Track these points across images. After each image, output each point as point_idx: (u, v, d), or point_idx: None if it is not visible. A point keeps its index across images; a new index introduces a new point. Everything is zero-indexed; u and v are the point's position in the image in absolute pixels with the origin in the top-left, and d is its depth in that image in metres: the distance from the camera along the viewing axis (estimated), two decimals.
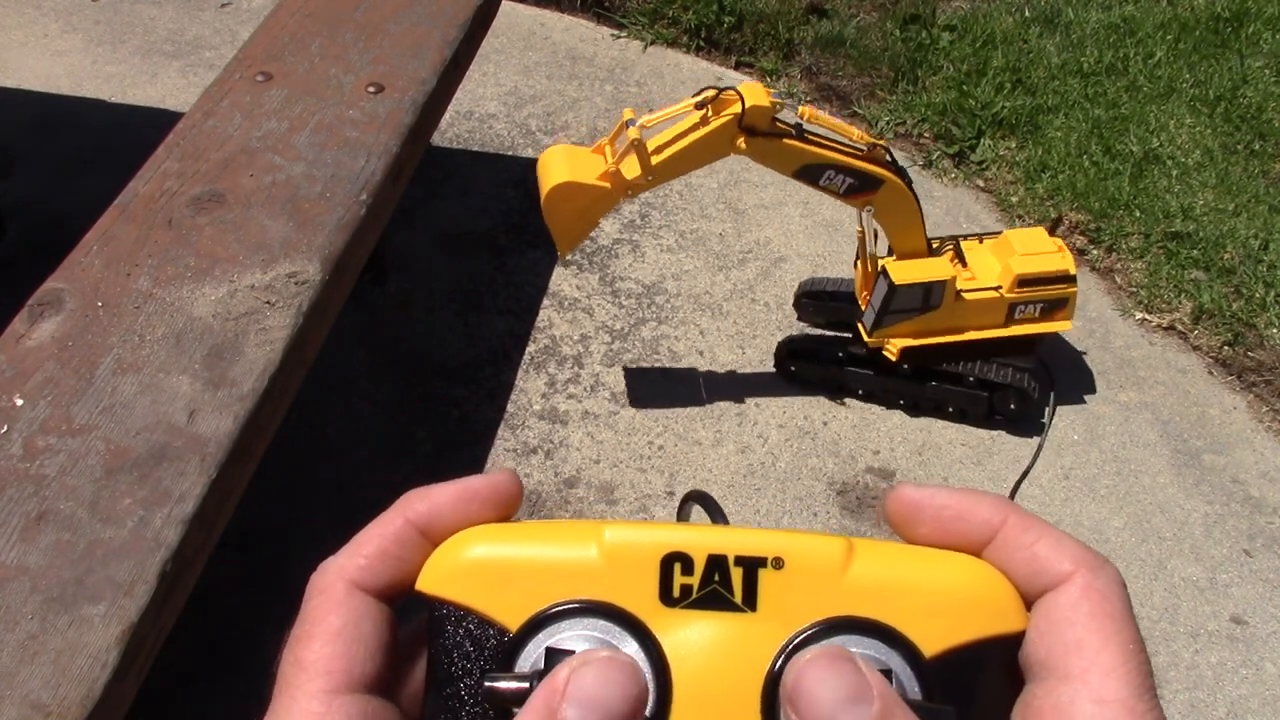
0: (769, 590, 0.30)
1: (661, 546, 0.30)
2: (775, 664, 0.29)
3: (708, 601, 0.30)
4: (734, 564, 0.30)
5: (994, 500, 0.31)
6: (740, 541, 0.30)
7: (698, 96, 1.71)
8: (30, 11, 2.89)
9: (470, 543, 0.31)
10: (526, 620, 0.30)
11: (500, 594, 0.30)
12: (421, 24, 1.53)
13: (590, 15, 3.02)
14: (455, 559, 0.31)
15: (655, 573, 0.30)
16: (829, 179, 1.79)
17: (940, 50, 2.90)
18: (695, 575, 0.30)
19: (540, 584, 0.30)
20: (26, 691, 0.79)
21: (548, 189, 1.73)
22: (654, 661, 0.29)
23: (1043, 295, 1.95)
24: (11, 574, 0.86)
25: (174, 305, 1.09)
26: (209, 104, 1.35)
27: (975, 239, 2.05)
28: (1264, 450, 2.11)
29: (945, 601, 0.29)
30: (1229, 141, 2.69)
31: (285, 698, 0.29)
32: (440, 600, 0.31)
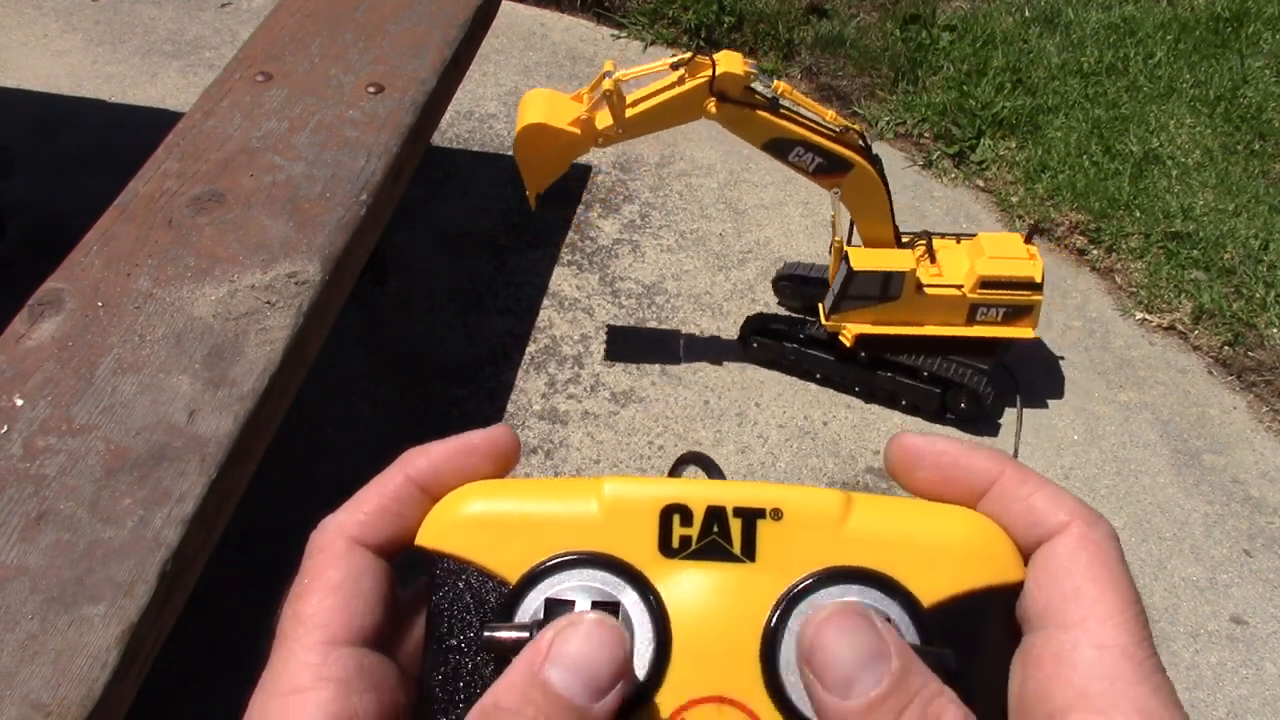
0: (767, 541, 0.30)
1: (660, 499, 0.30)
2: (774, 614, 0.29)
3: (706, 552, 0.30)
4: (733, 515, 0.30)
5: (992, 452, 0.31)
6: (739, 494, 0.30)
7: (675, 58, 1.76)
8: (30, 11, 2.89)
9: (469, 498, 0.31)
10: (526, 572, 0.30)
11: (500, 547, 0.30)
12: (421, 24, 1.53)
13: (590, 15, 3.02)
14: (454, 513, 0.31)
15: (654, 525, 0.30)
16: (798, 155, 1.82)
17: (940, 50, 2.90)
18: (694, 527, 0.30)
19: (540, 537, 0.30)
20: (26, 691, 0.79)
21: (519, 128, 1.79)
22: (653, 611, 0.29)
23: (1006, 299, 1.95)
24: (11, 574, 0.86)
25: (174, 305, 1.09)
26: (209, 104, 1.35)
27: (953, 238, 2.05)
28: (1264, 450, 2.11)
29: (943, 553, 0.29)
30: (1229, 141, 2.69)
31: (283, 650, 0.29)
32: (440, 554, 0.31)
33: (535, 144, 1.80)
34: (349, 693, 0.28)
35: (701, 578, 0.30)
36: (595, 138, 1.80)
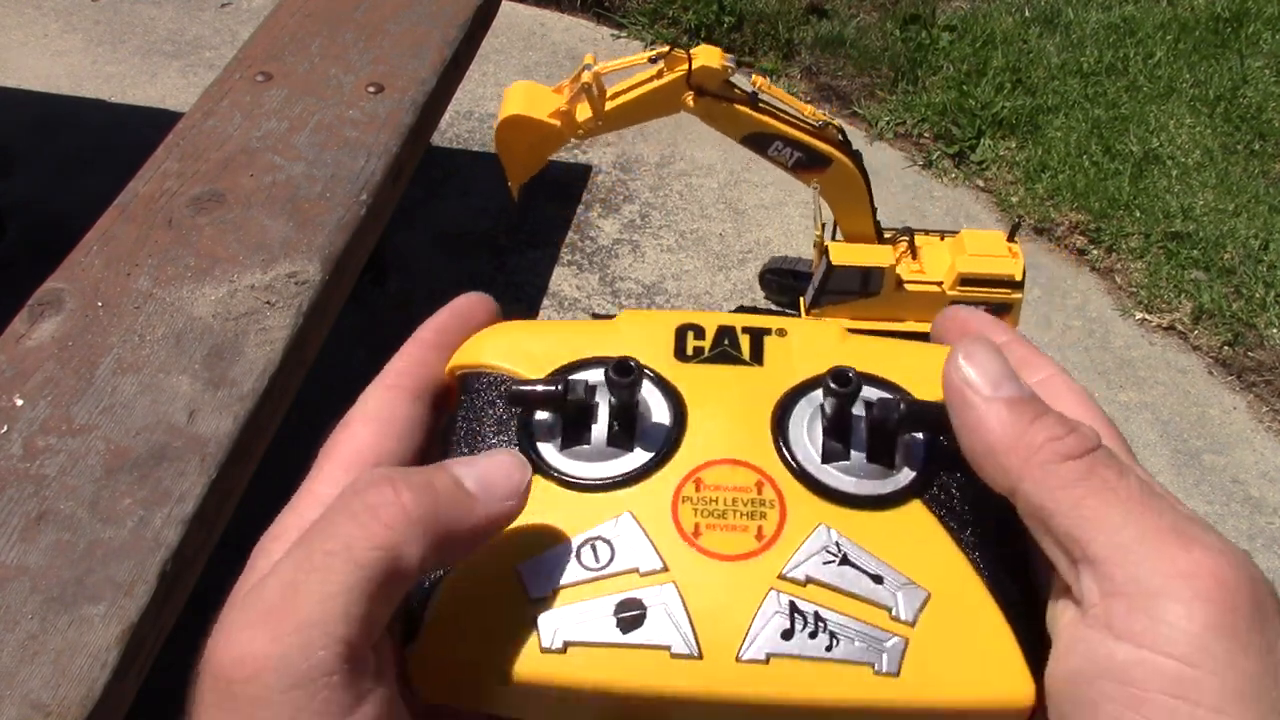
0: (774, 351, 0.33)
1: (675, 319, 0.33)
2: (786, 395, 0.32)
3: (718, 358, 0.33)
4: (741, 332, 0.33)
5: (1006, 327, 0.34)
6: (747, 318, 0.34)
7: (653, 51, 1.77)
8: (30, 11, 2.89)
9: (498, 329, 0.34)
10: (551, 371, 0.32)
11: (527, 357, 0.33)
12: (421, 24, 1.53)
13: (590, 15, 3.02)
14: (481, 339, 0.34)
15: (670, 337, 0.33)
16: (777, 150, 1.83)
17: (940, 50, 2.90)
18: (707, 339, 0.33)
19: (563, 349, 0.33)
20: (26, 691, 0.79)
21: (500, 120, 1.80)
22: (668, 392, 0.32)
23: (985, 297, 1.95)
24: (11, 574, 0.86)
25: (174, 305, 1.09)
26: (209, 104, 1.35)
27: (936, 235, 2.05)
28: (1264, 450, 2.11)
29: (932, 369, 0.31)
30: (1229, 141, 2.69)
31: (313, 472, 0.31)
32: (470, 367, 0.33)
33: (516, 135, 1.81)
34: None
35: (714, 374, 0.32)
36: (575, 130, 1.81)
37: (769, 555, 0.29)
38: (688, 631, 0.28)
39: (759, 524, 0.30)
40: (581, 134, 1.83)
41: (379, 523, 0.25)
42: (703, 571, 0.29)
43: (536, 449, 0.31)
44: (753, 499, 0.30)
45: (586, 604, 0.28)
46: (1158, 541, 0.25)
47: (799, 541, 0.29)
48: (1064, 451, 0.27)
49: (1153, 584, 0.24)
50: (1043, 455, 0.27)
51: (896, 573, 0.29)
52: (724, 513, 0.30)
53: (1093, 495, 0.26)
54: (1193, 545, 0.25)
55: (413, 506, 0.26)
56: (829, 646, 0.28)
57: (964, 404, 0.28)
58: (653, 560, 0.29)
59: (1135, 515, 0.25)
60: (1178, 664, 0.24)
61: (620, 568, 0.29)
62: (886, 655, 0.28)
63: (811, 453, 0.31)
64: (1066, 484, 0.26)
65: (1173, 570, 0.24)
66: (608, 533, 0.29)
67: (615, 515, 0.30)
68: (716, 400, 0.32)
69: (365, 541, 0.25)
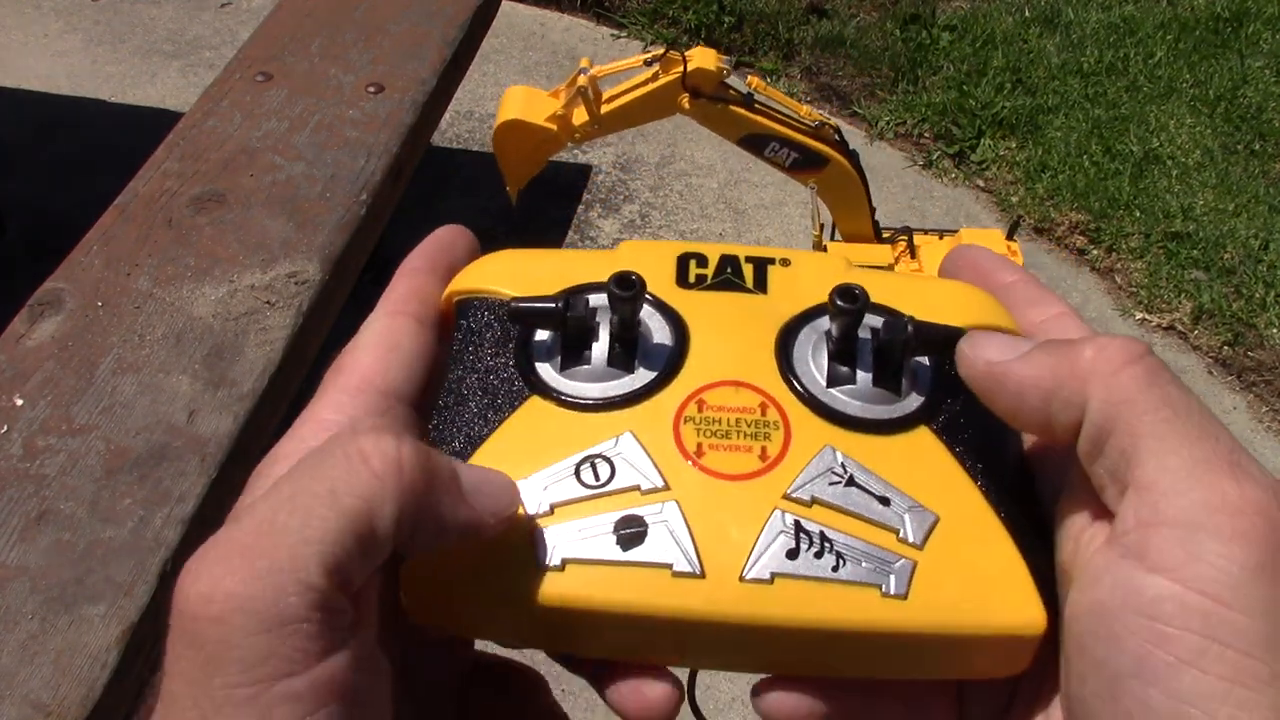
0: (778, 280, 0.32)
1: (678, 248, 0.33)
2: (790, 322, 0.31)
3: (721, 286, 0.32)
4: (745, 261, 0.32)
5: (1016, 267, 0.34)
6: (750, 249, 0.33)
7: (649, 54, 1.78)
8: (30, 11, 2.88)
9: (496, 255, 0.33)
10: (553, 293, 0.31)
11: (526, 281, 0.32)
12: (421, 24, 1.53)
13: (590, 15, 3.02)
14: (480, 265, 0.33)
15: (672, 265, 0.32)
16: (773, 150, 1.83)
17: (940, 50, 2.90)
18: (709, 268, 0.32)
19: (564, 274, 0.32)
20: (26, 691, 0.79)
21: (497, 125, 1.82)
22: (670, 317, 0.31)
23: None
24: (11, 574, 0.86)
25: (174, 305, 1.09)
26: (209, 104, 1.35)
27: (935, 234, 2.05)
28: (1264, 450, 2.10)
29: (939, 299, 0.31)
30: (1229, 141, 2.69)
31: (317, 396, 0.30)
32: (468, 292, 0.32)
33: (513, 140, 1.82)
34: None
35: (717, 300, 0.32)
36: (572, 134, 1.82)
37: (773, 475, 0.28)
38: (690, 550, 0.27)
39: (763, 445, 0.29)
40: (578, 138, 1.84)
41: (369, 471, 0.24)
42: (705, 490, 0.28)
43: (535, 368, 0.31)
44: (756, 420, 0.29)
45: (586, 520, 0.28)
46: (1209, 472, 0.24)
47: (804, 462, 0.29)
48: (1121, 358, 0.25)
49: (1196, 516, 0.23)
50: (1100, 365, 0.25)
51: (905, 495, 0.28)
52: (727, 433, 0.29)
53: (1151, 411, 0.25)
54: (1244, 480, 0.24)
55: (407, 467, 0.25)
56: (835, 567, 0.27)
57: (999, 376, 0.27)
58: (654, 478, 0.28)
59: (1191, 440, 0.24)
60: (1211, 602, 0.23)
61: (620, 485, 0.28)
62: (894, 577, 0.27)
63: (816, 376, 0.30)
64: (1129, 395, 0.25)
65: (1220, 504, 0.23)
66: (608, 451, 0.29)
67: (615, 434, 0.29)
68: (719, 325, 0.31)
69: (351, 489, 0.24)
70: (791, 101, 1.84)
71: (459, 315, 0.32)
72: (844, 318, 0.29)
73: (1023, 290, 0.33)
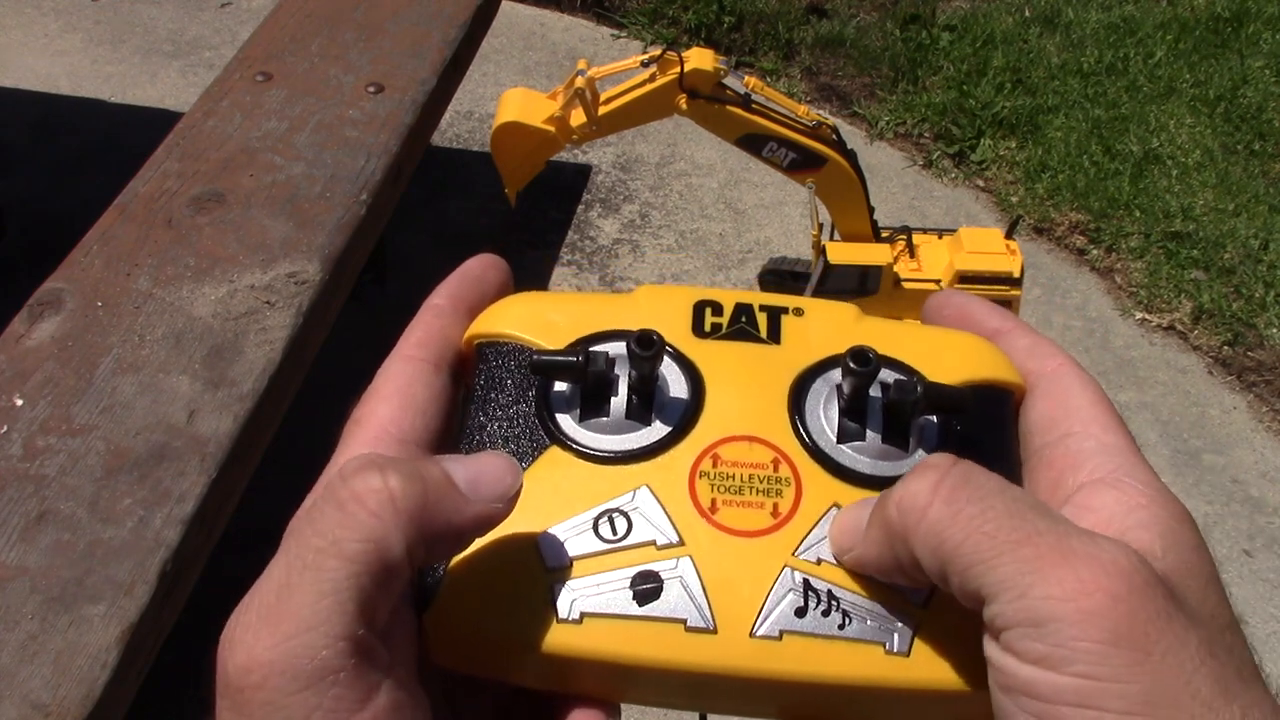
0: (791, 330, 0.33)
1: (693, 295, 0.33)
2: (804, 373, 0.32)
3: (735, 335, 0.33)
4: (759, 310, 0.33)
5: (1006, 313, 0.35)
6: (764, 296, 0.34)
7: (646, 55, 1.78)
8: (30, 11, 2.88)
9: (515, 299, 0.34)
10: (571, 341, 0.32)
11: (545, 328, 0.33)
12: (421, 24, 1.53)
13: (590, 15, 3.02)
14: (501, 308, 0.34)
15: (688, 313, 0.33)
16: (771, 151, 1.83)
17: (940, 50, 2.90)
18: (724, 316, 0.33)
19: (583, 320, 0.33)
20: (26, 691, 0.79)
21: (495, 127, 1.81)
22: (686, 368, 0.32)
23: (984, 294, 1.95)
24: (11, 574, 0.86)
25: (174, 305, 1.09)
26: (209, 104, 1.35)
27: (934, 233, 2.05)
28: (1264, 450, 2.11)
29: (947, 353, 0.32)
30: (1229, 141, 2.69)
31: (341, 447, 0.31)
32: (488, 336, 0.33)
33: (511, 142, 1.82)
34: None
35: (732, 351, 0.32)
36: (570, 136, 1.82)
37: (784, 533, 0.29)
38: (703, 605, 0.28)
39: (775, 501, 0.30)
40: (576, 139, 1.84)
41: (366, 511, 0.25)
42: (719, 546, 0.29)
43: (555, 419, 0.31)
44: (769, 476, 0.30)
45: (603, 575, 0.29)
46: (1039, 568, 0.25)
47: (813, 520, 0.30)
48: (923, 499, 0.26)
49: (1043, 612, 0.24)
50: (909, 519, 0.27)
51: None
52: (740, 489, 0.30)
53: (966, 539, 0.26)
54: (1077, 563, 0.25)
55: (400, 495, 0.25)
56: (841, 625, 0.28)
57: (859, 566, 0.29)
58: (670, 534, 0.29)
59: (1014, 545, 0.25)
60: (1080, 680, 0.24)
61: (637, 540, 0.29)
62: (897, 635, 0.28)
63: (828, 432, 0.31)
64: (941, 532, 0.26)
65: (1060, 594, 0.24)
66: (625, 505, 0.30)
67: (633, 488, 0.30)
68: (734, 377, 0.32)
69: (352, 534, 0.25)
70: (789, 101, 1.84)
71: (479, 359, 0.33)
72: (856, 378, 0.30)
73: (1017, 339, 0.33)
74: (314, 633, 0.24)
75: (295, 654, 0.23)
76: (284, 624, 0.24)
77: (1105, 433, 0.30)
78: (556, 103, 1.81)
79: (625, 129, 1.88)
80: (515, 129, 1.80)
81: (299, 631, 0.24)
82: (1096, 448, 0.30)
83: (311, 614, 0.24)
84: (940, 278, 1.95)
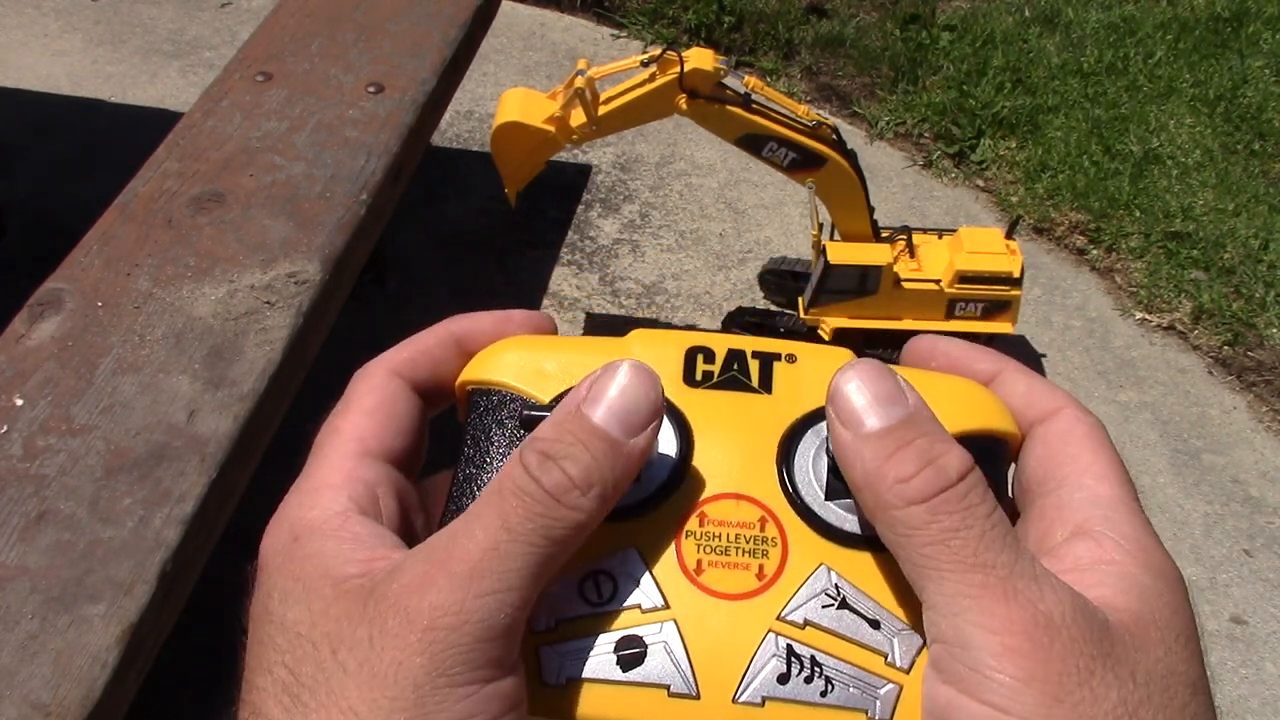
0: (783, 378, 0.32)
1: (685, 340, 0.33)
2: (791, 427, 0.31)
3: (727, 384, 0.32)
4: (751, 356, 0.33)
5: (995, 354, 0.34)
6: (757, 342, 0.33)
7: (646, 55, 1.77)
8: (30, 11, 2.88)
9: (509, 344, 0.34)
10: (559, 393, 0.32)
11: (536, 376, 0.32)
12: (421, 24, 1.53)
13: (590, 15, 3.02)
14: (493, 354, 0.33)
15: (680, 360, 0.33)
16: (771, 150, 1.83)
17: (940, 50, 2.90)
18: (716, 364, 0.33)
19: (573, 368, 0.32)
20: (26, 691, 0.79)
21: (495, 127, 1.80)
22: (677, 421, 0.31)
23: (984, 294, 1.95)
24: (11, 574, 0.86)
25: (174, 305, 1.09)
26: (209, 104, 1.35)
27: (934, 233, 2.05)
28: (1264, 450, 2.11)
29: (943, 400, 0.31)
30: (1229, 141, 2.69)
31: (318, 457, 0.31)
32: (479, 383, 0.33)
33: (511, 142, 1.82)
34: (376, 494, 0.30)
35: (722, 401, 0.32)
36: (570, 136, 1.82)
37: (769, 595, 0.29)
38: (687, 671, 0.28)
39: (760, 562, 0.30)
40: (576, 139, 1.84)
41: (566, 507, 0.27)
42: (703, 610, 0.29)
43: None
44: (755, 536, 0.30)
45: (588, 640, 0.29)
46: (980, 596, 0.26)
47: (799, 582, 0.30)
48: (909, 495, 0.27)
49: (971, 637, 0.25)
50: (890, 497, 0.27)
51: (894, 617, 0.29)
52: (726, 549, 0.30)
53: (932, 544, 0.26)
54: (1013, 603, 0.25)
55: (594, 480, 0.27)
56: (824, 692, 0.28)
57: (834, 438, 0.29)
58: (655, 597, 0.29)
59: (965, 568, 0.26)
60: (991, 710, 0.25)
61: (622, 604, 0.29)
62: (880, 702, 0.28)
63: (815, 488, 0.31)
64: (910, 528, 0.27)
65: (989, 625, 0.25)
66: (611, 568, 0.30)
67: (619, 549, 0.30)
68: (724, 430, 0.32)
69: (561, 524, 0.27)
70: (789, 101, 1.84)
71: (470, 407, 0.33)
72: None
73: (1013, 383, 0.33)
74: (515, 593, 0.26)
75: (495, 608, 0.26)
76: (489, 579, 0.26)
77: (1099, 483, 0.30)
78: (556, 103, 1.81)
79: (625, 129, 1.88)
80: (515, 129, 1.80)
81: (503, 590, 0.26)
82: (1087, 499, 0.30)
83: (516, 578, 0.26)
84: (940, 277, 1.95)
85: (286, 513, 0.30)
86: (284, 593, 0.28)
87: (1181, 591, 0.29)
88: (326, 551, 0.28)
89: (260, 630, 0.28)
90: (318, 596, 0.27)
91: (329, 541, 0.28)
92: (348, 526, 0.29)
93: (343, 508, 0.29)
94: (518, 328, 0.34)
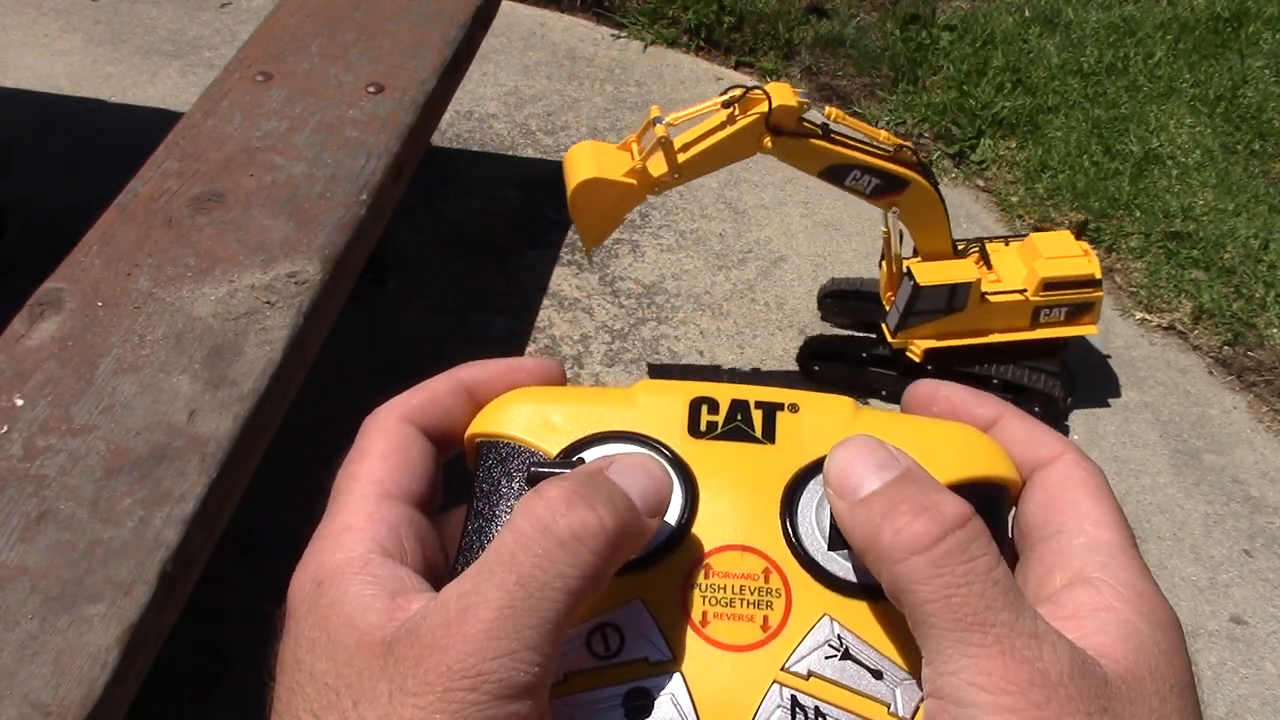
0: (786, 428, 0.33)
1: (690, 392, 0.34)
2: (794, 479, 0.32)
3: (730, 435, 0.33)
4: (754, 406, 0.33)
5: (994, 398, 0.35)
6: (760, 392, 0.34)
7: (724, 95, 1.71)
8: (30, 11, 2.89)
9: (517, 396, 0.34)
10: (566, 445, 0.32)
11: (544, 429, 0.33)
12: (421, 24, 1.53)
13: (590, 15, 3.02)
14: (502, 406, 0.34)
15: (684, 411, 0.33)
16: (855, 179, 1.79)
17: (940, 50, 2.90)
18: (720, 414, 0.33)
19: (580, 421, 0.33)
20: (26, 691, 0.79)
21: (574, 185, 1.72)
22: (682, 473, 0.32)
23: (1068, 299, 1.94)
24: (11, 574, 0.86)
25: (174, 305, 1.09)
26: (209, 104, 1.35)
27: (1001, 241, 2.03)
28: (1264, 450, 2.11)
29: (944, 446, 0.32)
30: (1229, 141, 2.69)
31: (339, 502, 0.32)
32: (488, 436, 0.33)
33: (591, 199, 1.74)
34: (399, 535, 0.31)
35: (726, 452, 0.33)
36: (651, 186, 1.74)
37: (773, 647, 0.30)
38: None
39: (765, 614, 0.30)
40: (657, 190, 1.76)
41: (588, 550, 0.27)
42: (709, 662, 0.30)
43: None
44: (760, 587, 0.31)
45: (596, 693, 0.29)
46: (978, 655, 0.26)
47: (803, 633, 0.30)
48: (909, 545, 0.27)
49: (966, 695, 0.26)
50: (891, 551, 0.27)
51: (896, 667, 0.30)
52: (731, 601, 0.30)
53: (934, 600, 0.27)
54: (1011, 661, 0.26)
55: (612, 528, 0.27)
56: None
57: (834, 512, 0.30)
58: (661, 650, 0.30)
59: (965, 627, 0.26)
60: None
61: (629, 657, 0.30)
62: None
63: (819, 539, 0.31)
64: (913, 583, 0.27)
65: (985, 685, 0.26)
66: (618, 620, 0.30)
67: (625, 600, 0.30)
68: (728, 481, 0.32)
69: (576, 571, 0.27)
70: (867, 127, 1.79)
71: (479, 460, 0.34)
72: None
73: (1013, 430, 0.34)
74: (533, 651, 0.26)
75: (512, 668, 0.26)
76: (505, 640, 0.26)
77: (1098, 529, 0.30)
78: (630, 152, 1.74)
79: (707, 173, 1.80)
80: (597, 185, 1.71)
81: (520, 649, 0.26)
82: (1086, 545, 0.30)
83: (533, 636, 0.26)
84: (1025, 287, 1.93)
85: (311, 558, 0.30)
86: (310, 642, 0.28)
87: (1179, 639, 0.29)
88: (349, 597, 0.28)
89: (289, 676, 0.28)
90: (341, 647, 0.28)
91: (352, 586, 0.29)
92: (370, 569, 0.29)
93: (365, 549, 0.30)
94: (527, 377, 0.35)
